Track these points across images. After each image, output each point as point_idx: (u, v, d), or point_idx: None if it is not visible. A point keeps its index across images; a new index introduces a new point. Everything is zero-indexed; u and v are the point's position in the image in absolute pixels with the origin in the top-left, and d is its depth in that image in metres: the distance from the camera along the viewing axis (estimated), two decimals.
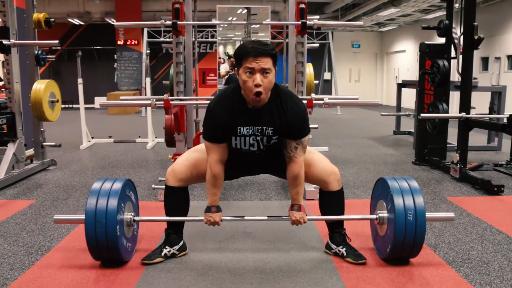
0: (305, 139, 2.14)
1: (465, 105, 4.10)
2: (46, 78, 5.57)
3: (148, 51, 10.19)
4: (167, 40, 12.41)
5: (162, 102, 3.17)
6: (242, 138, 2.11)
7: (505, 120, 3.87)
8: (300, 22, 3.44)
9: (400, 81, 7.76)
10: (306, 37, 3.71)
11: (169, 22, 3.47)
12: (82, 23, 14.08)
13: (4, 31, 4.10)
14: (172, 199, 2.31)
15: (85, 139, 6.32)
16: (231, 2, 10.35)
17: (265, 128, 2.09)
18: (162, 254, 2.29)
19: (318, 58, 14.00)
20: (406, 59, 14.43)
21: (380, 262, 2.29)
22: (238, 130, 2.09)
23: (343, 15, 12.71)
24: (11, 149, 4.15)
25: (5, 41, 4.04)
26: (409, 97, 8.71)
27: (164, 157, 5.37)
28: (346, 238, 2.36)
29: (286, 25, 4.96)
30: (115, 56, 13.19)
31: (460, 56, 4.40)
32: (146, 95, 8.20)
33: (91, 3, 12.35)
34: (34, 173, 4.47)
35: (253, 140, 2.12)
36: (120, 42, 13.09)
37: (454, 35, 4.76)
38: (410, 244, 2.14)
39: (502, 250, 2.46)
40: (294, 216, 2.19)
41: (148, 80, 6.99)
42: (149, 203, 3.46)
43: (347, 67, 16.29)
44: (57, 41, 4.14)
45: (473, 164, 4.58)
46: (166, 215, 2.34)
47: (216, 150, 2.12)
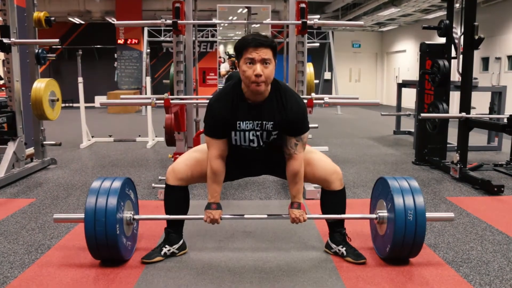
0: (305, 136, 2.16)
1: (465, 105, 4.10)
2: (47, 77, 5.57)
3: (149, 50, 10.19)
4: (168, 39, 12.42)
5: (162, 101, 3.17)
6: (241, 133, 2.11)
7: (505, 120, 3.88)
8: (300, 22, 3.44)
9: (400, 81, 7.75)
10: (306, 36, 3.71)
11: (169, 21, 3.47)
12: (82, 22, 14.07)
13: (5, 30, 4.11)
14: (172, 198, 2.31)
15: (85, 138, 6.32)
16: (231, 2, 10.34)
17: (265, 122, 2.10)
18: (162, 253, 2.29)
19: (318, 57, 14.01)
20: (406, 59, 14.43)
21: (380, 261, 2.29)
22: (238, 125, 2.10)
23: (343, 15, 12.71)
24: (11, 147, 4.15)
25: (5, 40, 4.04)
26: (409, 97, 8.71)
27: (164, 156, 5.37)
28: (346, 238, 2.36)
29: (286, 24, 4.96)
30: (115, 55, 13.19)
31: (461, 56, 4.41)
32: (146, 94, 8.19)
33: (92, 2, 12.34)
34: (34, 172, 4.48)
35: (252, 135, 2.12)
36: (120, 41, 13.08)
37: (454, 35, 4.76)
38: (409, 244, 2.14)
39: (502, 250, 2.46)
40: (294, 214, 2.19)
41: (148, 79, 7.00)
42: (149, 202, 3.47)
43: (347, 66, 16.29)
44: (58, 40, 4.14)
45: (473, 164, 4.58)
46: (166, 214, 2.34)
47: (216, 146, 2.13)
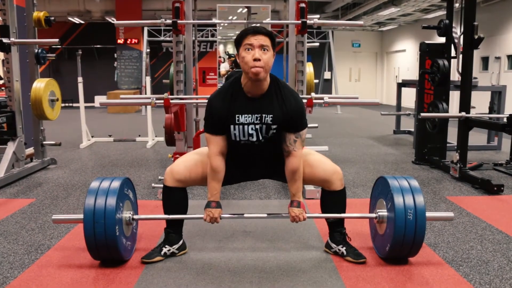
0: (303, 132, 2.17)
1: (465, 104, 4.10)
2: (46, 76, 5.57)
3: (148, 50, 10.18)
4: (167, 39, 12.42)
5: (162, 101, 3.17)
6: (241, 126, 2.12)
7: (505, 120, 3.88)
8: (300, 21, 3.44)
9: (400, 81, 7.75)
10: (306, 36, 3.71)
11: (169, 21, 3.47)
12: (82, 22, 14.07)
13: (4, 30, 4.10)
14: (170, 199, 2.30)
15: (85, 138, 6.32)
16: (231, 1, 10.34)
17: (264, 115, 2.11)
18: (162, 253, 2.29)
19: (318, 57, 14.01)
20: (406, 59, 14.42)
21: (380, 261, 2.29)
22: (237, 118, 2.11)
23: (343, 14, 12.71)
24: (11, 147, 4.15)
25: (5, 40, 4.04)
26: (409, 97, 8.72)
27: (164, 156, 5.37)
28: (346, 237, 2.36)
29: (286, 24, 4.96)
30: (115, 55, 13.19)
31: (460, 56, 4.40)
32: (146, 94, 8.19)
33: (92, 2, 12.34)
34: (34, 172, 4.48)
35: (252, 129, 2.13)
36: (120, 41, 13.09)
37: (454, 34, 4.76)
38: (409, 243, 2.14)
39: (502, 250, 2.46)
40: (293, 212, 2.19)
41: (148, 79, 7.00)
42: (149, 202, 3.47)
43: (347, 66, 16.28)
44: (57, 40, 4.14)
45: (473, 164, 4.58)
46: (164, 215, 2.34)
47: (216, 142, 2.14)
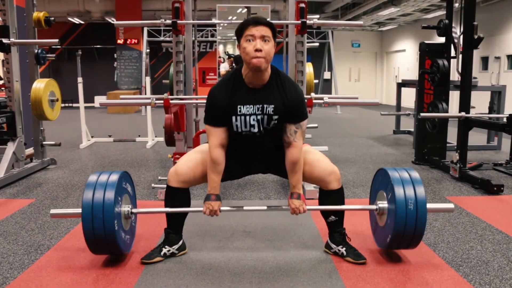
0: (304, 123, 2.18)
1: (464, 104, 4.10)
2: (46, 77, 5.57)
3: (148, 50, 10.19)
4: (167, 39, 12.42)
5: (162, 101, 3.17)
6: (242, 117, 2.12)
7: (505, 120, 3.88)
8: (300, 22, 3.44)
9: (400, 81, 7.75)
10: (306, 36, 3.71)
11: (169, 21, 3.46)
12: (82, 22, 14.07)
13: (4, 30, 4.10)
14: (173, 200, 2.29)
15: (85, 138, 6.32)
16: (231, 1, 10.34)
17: (266, 106, 2.11)
18: (162, 253, 2.29)
19: (318, 57, 14.00)
20: (406, 59, 14.43)
21: (380, 261, 2.29)
22: (238, 109, 2.11)
23: (343, 15, 12.71)
24: (11, 148, 4.15)
25: (5, 40, 4.04)
26: (409, 97, 8.71)
27: (164, 156, 5.37)
28: (346, 238, 2.36)
29: (286, 24, 4.95)
30: (115, 55, 13.19)
31: (460, 56, 4.40)
32: (146, 94, 8.19)
33: (91, 2, 12.34)
34: (33, 172, 4.47)
35: (253, 120, 2.13)
36: (120, 41, 13.08)
37: (454, 34, 4.76)
38: (410, 234, 2.14)
39: (502, 250, 2.46)
40: (293, 204, 2.19)
41: (148, 79, 6.99)
42: (149, 202, 3.47)
43: (347, 66, 16.28)
44: (57, 40, 4.14)
45: (473, 164, 4.58)
46: (166, 217, 2.33)
47: (216, 134, 2.14)
